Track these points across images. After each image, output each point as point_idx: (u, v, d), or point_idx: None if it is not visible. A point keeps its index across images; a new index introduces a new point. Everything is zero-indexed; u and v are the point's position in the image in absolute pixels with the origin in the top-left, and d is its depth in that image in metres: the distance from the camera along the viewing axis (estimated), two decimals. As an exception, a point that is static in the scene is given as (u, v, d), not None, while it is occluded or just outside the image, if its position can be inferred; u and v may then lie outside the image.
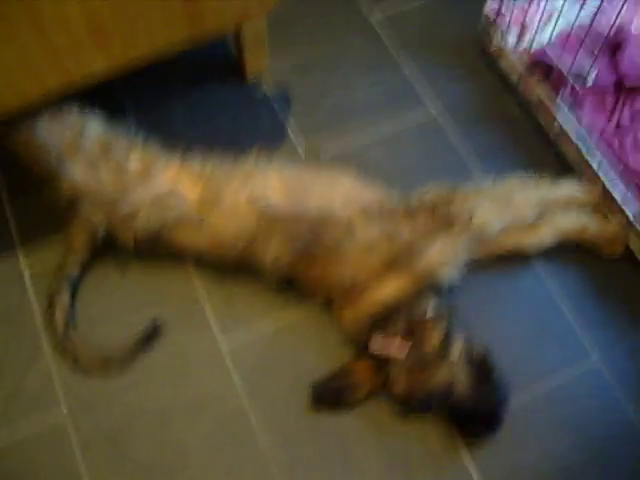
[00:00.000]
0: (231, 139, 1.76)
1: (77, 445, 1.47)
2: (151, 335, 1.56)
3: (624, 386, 1.54)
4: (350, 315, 1.48)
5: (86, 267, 1.62)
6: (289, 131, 1.84)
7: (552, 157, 1.78)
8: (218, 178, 1.52)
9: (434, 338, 1.42)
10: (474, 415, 1.42)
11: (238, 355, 1.56)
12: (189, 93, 1.88)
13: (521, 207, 1.55)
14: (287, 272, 1.51)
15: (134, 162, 1.53)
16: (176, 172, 1.53)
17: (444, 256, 1.46)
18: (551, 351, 1.58)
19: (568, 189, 1.65)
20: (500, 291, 1.64)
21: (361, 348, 1.47)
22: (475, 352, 1.46)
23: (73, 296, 1.59)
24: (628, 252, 1.65)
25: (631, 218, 1.61)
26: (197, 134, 1.80)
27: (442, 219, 1.46)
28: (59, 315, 1.54)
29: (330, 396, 1.49)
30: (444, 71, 1.94)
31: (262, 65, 1.89)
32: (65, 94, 1.45)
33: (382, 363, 1.43)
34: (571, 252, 1.66)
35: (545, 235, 1.60)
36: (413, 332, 1.42)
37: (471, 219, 1.48)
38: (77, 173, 1.50)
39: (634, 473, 1.47)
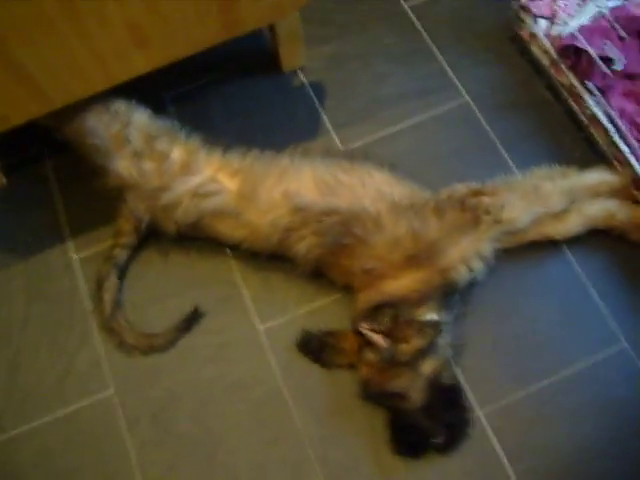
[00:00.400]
0: (268, 131, 1.84)
1: (123, 421, 1.57)
2: (192, 318, 1.64)
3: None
4: (364, 298, 1.53)
5: (133, 253, 1.71)
6: (325, 121, 1.88)
7: (582, 142, 1.79)
8: (256, 173, 1.58)
9: (412, 343, 1.44)
10: (408, 433, 1.45)
11: (274, 337, 1.63)
12: (226, 87, 1.95)
13: (550, 199, 1.56)
14: (317, 263, 1.57)
15: (177, 154, 1.60)
16: (217, 165, 1.60)
17: (466, 255, 1.49)
18: (580, 336, 1.60)
19: (596, 176, 1.65)
20: (529, 278, 1.66)
21: (354, 323, 1.52)
22: (445, 378, 1.49)
23: (120, 280, 1.68)
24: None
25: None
26: (234, 127, 1.87)
27: (471, 215, 1.48)
28: (107, 297, 1.63)
29: (315, 346, 1.56)
30: (476, 57, 1.96)
31: (298, 59, 1.94)
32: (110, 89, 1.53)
33: (364, 345, 1.48)
34: (601, 238, 1.67)
35: (573, 223, 1.61)
36: (395, 330, 1.45)
37: (500, 215, 1.49)
38: (122, 165, 1.59)
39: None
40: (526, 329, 1.60)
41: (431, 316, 1.49)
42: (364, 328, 1.46)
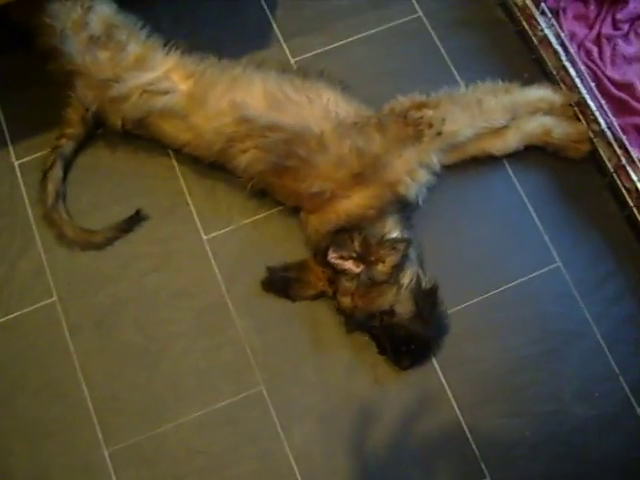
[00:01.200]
0: (217, 41, 1.78)
1: (66, 328, 1.58)
2: (134, 220, 1.64)
3: (582, 285, 1.63)
4: (315, 222, 1.53)
5: (78, 146, 1.68)
6: (276, 31, 1.84)
7: (531, 62, 1.80)
8: (208, 78, 1.55)
9: (388, 262, 1.47)
10: (406, 343, 1.48)
11: (218, 247, 1.64)
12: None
13: (492, 112, 1.57)
14: (260, 180, 1.56)
15: (134, 47, 1.57)
16: (172, 65, 1.58)
17: (411, 168, 1.50)
18: (517, 253, 1.66)
19: (539, 93, 1.67)
20: (470, 193, 1.70)
21: (319, 256, 1.53)
22: (425, 283, 1.52)
23: (65, 172, 1.66)
24: (596, 159, 1.70)
25: (604, 127, 1.65)
26: (182, 35, 1.76)
27: (413, 127, 1.49)
28: (50, 187, 1.62)
29: (280, 283, 1.58)
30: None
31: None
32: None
33: (335, 274, 1.49)
34: (540, 155, 1.71)
35: (511, 139, 1.64)
36: (367, 253, 1.47)
37: (442, 128, 1.50)
38: (77, 48, 1.55)
39: (580, 365, 1.58)
40: (466, 244, 1.65)
41: (397, 233, 1.51)
42: (333, 258, 1.46)
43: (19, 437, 1.51)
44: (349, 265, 1.47)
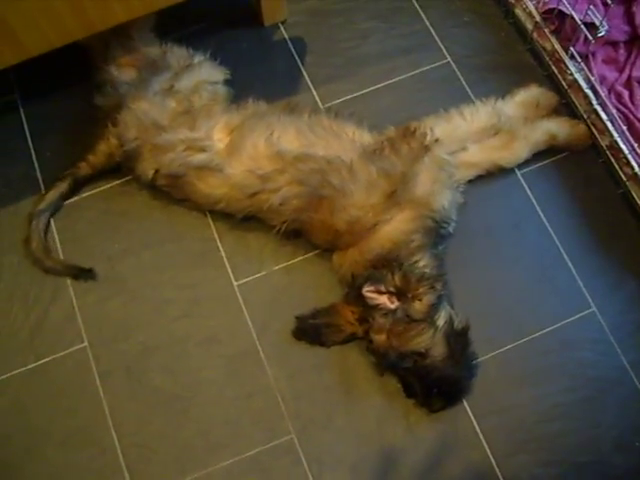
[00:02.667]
0: (247, 87, 1.78)
1: (96, 374, 1.58)
2: (83, 273, 1.66)
3: (618, 331, 1.59)
4: (354, 254, 1.53)
5: (93, 174, 1.71)
6: (305, 78, 1.86)
7: (562, 107, 1.79)
8: (246, 128, 1.57)
9: (425, 300, 1.46)
10: (438, 385, 1.46)
11: (249, 292, 1.64)
12: (208, 39, 1.88)
13: (475, 114, 1.64)
14: (294, 218, 1.56)
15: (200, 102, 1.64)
16: (219, 124, 1.60)
17: (434, 175, 1.53)
18: (550, 297, 1.63)
19: (525, 94, 1.73)
20: (501, 238, 1.69)
21: (352, 291, 1.51)
22: (457, 323, 1.51)
23: (72, 192, 1.72)
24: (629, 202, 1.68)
25: (637, 170, 1.64)
26: None
27: (415, 142, 1.54)
28: (50, 195, 1.69)
29: (311, 331, 1.56)
30: (460, 18, 1.94)
31: (279, 13, 1.90)
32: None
33: (368, 311, 1.47)
34: (574, 199, 1.72)
35: (519, 150, 1.67)
36: (406, 289, 1.46)
37: (434, 134, 1.56)
38: (155, 88, 1.61)
39: (617, 414, 1.54)
40: (498, 290, 1.64)
41: (434, 270, 1.50)
42: (368, 292, 1.45)
43: (48, 484, 1.50)
44: (383, 300, 1.46)
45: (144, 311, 1.63)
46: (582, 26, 1.68)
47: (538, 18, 1.82)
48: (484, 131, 1.64)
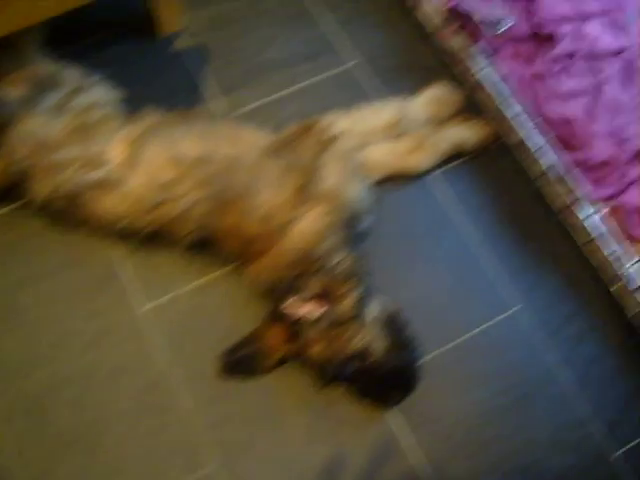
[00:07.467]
0: (148, 99, 1.64)
1: (-2, 414, 1.45)
2: None
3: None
4: (269, 261, 1.45)
5: None
6: (205, 87, 1.79)
7: (469, 105, 1.77)
8: (142, 141, 1.49)
9: (350, 298, 1.41)
10: (390, 379, 1.43)
11: (156, 317, 1.55)
12: (104, 53, 1.79)
13: (378, 113, 1.65)
14: (201, 227, 1.48)
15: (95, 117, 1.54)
16: (119, 139, 1.51)
17: (340, 167, 1.50)
18: (474, 299, 1.61)
19: (429, 93, 1.73)
20: (419, 240, 1.67)
21: (272, 311, 1.45)
22: (389, 312, 1.47)
23: None
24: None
25: (545, 168, 1.64)
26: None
27: (314, 134, 1.53)
28: None
29: (241, 365, 1.47)
30: (360, 22, 1.91)
31: (177, 21, 1.81)
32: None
33: (295, 327, 1.41)
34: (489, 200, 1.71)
35: (425, 159, 1.67)
36: (329, 291, 1.41)
37: (334, 128, 1.55)
38: (44, 106, 1.50)
39: (550, 413, 1.53)
40: (421, 296, 1.61)
41: (352, 266, 1.45)
42: (292, 306, 1.39)
43: None
44: (309, 308, 1.39)
45: (46, 344, 1.51)
46: (481, 23, 1.68)
47: (441, 17, 1.81)
48: (388, 128, 1.64)
